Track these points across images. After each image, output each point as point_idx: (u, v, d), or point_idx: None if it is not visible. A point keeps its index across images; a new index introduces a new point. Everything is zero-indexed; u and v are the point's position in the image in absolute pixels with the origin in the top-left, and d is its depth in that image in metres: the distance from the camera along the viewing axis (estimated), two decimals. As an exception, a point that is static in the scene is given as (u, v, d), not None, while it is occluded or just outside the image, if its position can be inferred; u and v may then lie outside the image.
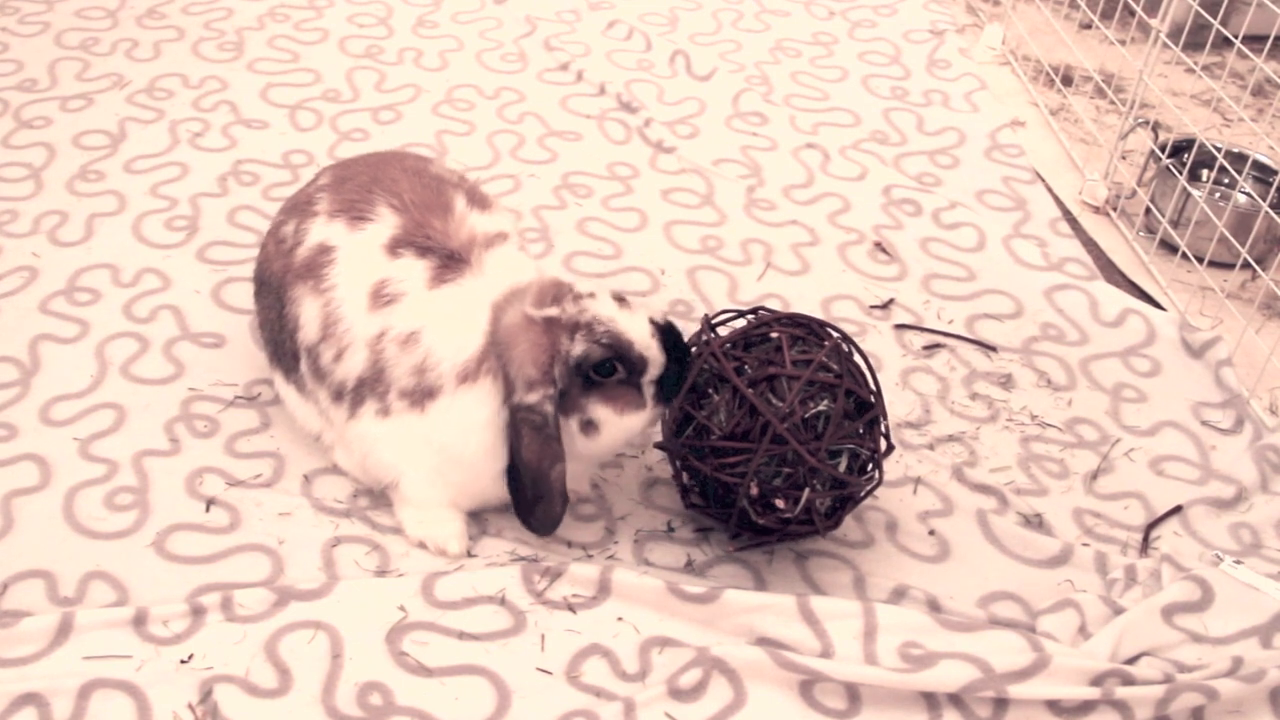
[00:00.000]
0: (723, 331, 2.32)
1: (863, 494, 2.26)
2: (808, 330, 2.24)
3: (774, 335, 2.21)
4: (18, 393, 2.53)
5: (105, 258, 2.91)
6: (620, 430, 2.18)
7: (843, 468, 2.18)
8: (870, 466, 2.23)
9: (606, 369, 2.12)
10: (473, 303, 2.19)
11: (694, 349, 2.24)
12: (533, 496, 2.15)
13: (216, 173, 3.23)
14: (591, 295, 2.16)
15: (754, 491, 2.17)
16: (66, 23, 3.85)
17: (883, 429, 2.24)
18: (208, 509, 2.32)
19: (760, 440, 2.12)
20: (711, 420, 2.17)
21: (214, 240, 3.00)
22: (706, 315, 2.32)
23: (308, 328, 2.27)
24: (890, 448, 2.26)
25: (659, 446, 2.30)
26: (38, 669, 2.00)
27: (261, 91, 3.58)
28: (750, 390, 2.13)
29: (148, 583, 2.17)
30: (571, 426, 2.16)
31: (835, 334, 2.25)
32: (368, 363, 2.21)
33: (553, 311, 2.14)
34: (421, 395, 2.18)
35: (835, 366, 2.18)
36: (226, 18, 3.94)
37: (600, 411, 2.15)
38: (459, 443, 2.19)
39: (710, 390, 2.18)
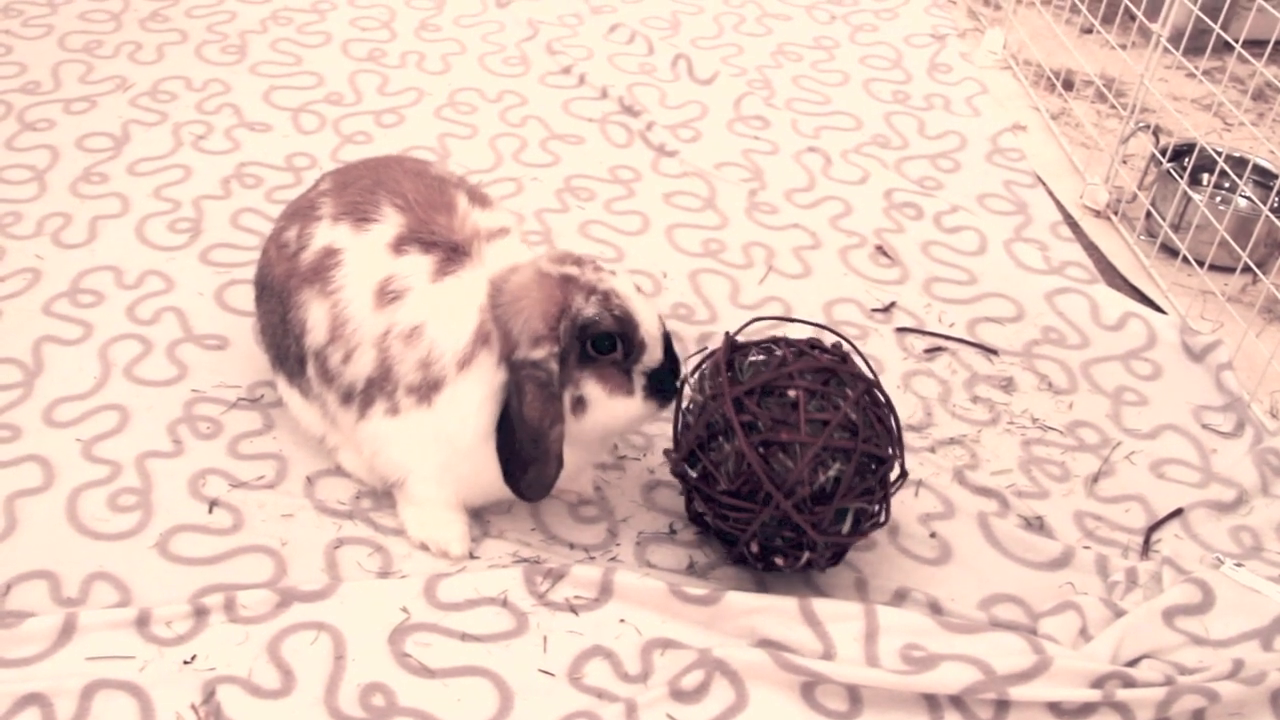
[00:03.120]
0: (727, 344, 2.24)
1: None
2: (829, 377, 2.12)
3: (792, 394, 2.08)
4: (21, 394, 2.54)
5: (108, 260, 2.92)
6: (608, 413, 2.16)
7: (848, 526, 2.14)
8: (878, 510, 2.18)
9: (607, 344, 2.11)
10: (472, 291, 2.19)
11: (709, 387, 2.16)
12: (528, 458, 2.13)
13: (219, 175, 3.24)
14: (612, 272, 2.16)
15: (754, 549, 2.17)
16: (70, 25, 3.86)
17: (898, 461, 2.17)
18: (210, 510, 2.33)
19: (764, 507, 2.08)
20: (719, 470, 2.11)
21: (217, 243, 3.00)
22: (729, 334, 2.24)
23: (315, 331, 2.28)
24: (904, 475, 2.20)
25: (674, 472, 2.25)
26: (41, 670, 2.00)
27: (264, 94, 3.59)
28: (758, 455, 2.06)
29: (151, 584, 2.18)
30: (564, 401, 2.15)
31: (861, 383, 2.14)
32: (375, 362, 2.22)
33: (571, 270, 2.14)
34: (428, 389, 2.18)
35: (855, 418, 2.08)
36: (229, 21, 3.95)
37: (591, 389, 2.14)
38: (463, 429, 2.17)
39: (720, 437, 2.11)
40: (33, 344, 2.66)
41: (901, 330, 2.92)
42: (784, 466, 2.06)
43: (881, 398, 2.18)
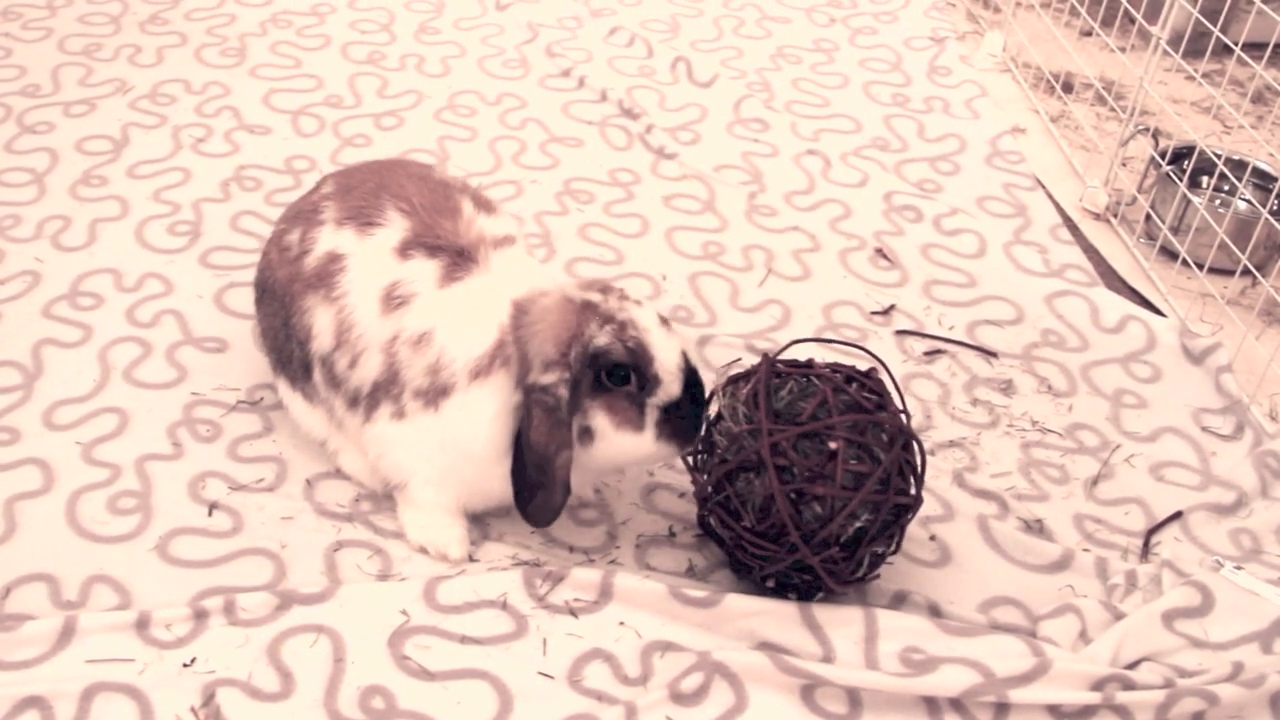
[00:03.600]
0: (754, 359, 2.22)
1: None
2: (868, 427, 2.06)
3: (832, 445, 2.03)
4: (20, 397, 2.54)
5: (108, 263, 2.92)
6: (614, 448, 2.15)
7: (864, 570, 2.14)
8: (893, 548, 2.18)
9: (619, 376, 2.10)
10: (483, 299, 2.19)
11: (744, 417, 2.09)
12: (534, 483, 2.12)
13: (219, 178, 3.24)
14: (638, 303, 2.14)
15: (770, 584, 2.17)
16: (69, 28, 3.86)
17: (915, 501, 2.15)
18: (210, 513, 2.33)
19: (788, 552, 2.07)
20: (745, 505, 2.09)
21: (216, 245, 3.00)
22: (768, 358, 2.18)
23: (321, 337, 2.27)
24: (919, 500, 2.15)
25: (698, 495, 2.22)
26: (40, 672, 2.00)
27: (264, 97, 3.59)
28: (789, 503, 2.02)
29: (150, 586, 2.18)
30: (572, 429, 2.14)
31: (894, 424, 2.08)
32: (382, 366, 2.21)
33: (594, 297, 2.13)
34: (436, 394, 2.17)
35: (886, 464, 2.05)
36: (229, 23, 3.95)
37: (599, 420, 2.12)
38: (470, 437, 2.17)
39: (751, 472, 2.07)
40: (32, 347, 2.66)
41: (901, 333, 2.92)
42: (814, 516, 2.04)
43: (914, 442, 2.14)
